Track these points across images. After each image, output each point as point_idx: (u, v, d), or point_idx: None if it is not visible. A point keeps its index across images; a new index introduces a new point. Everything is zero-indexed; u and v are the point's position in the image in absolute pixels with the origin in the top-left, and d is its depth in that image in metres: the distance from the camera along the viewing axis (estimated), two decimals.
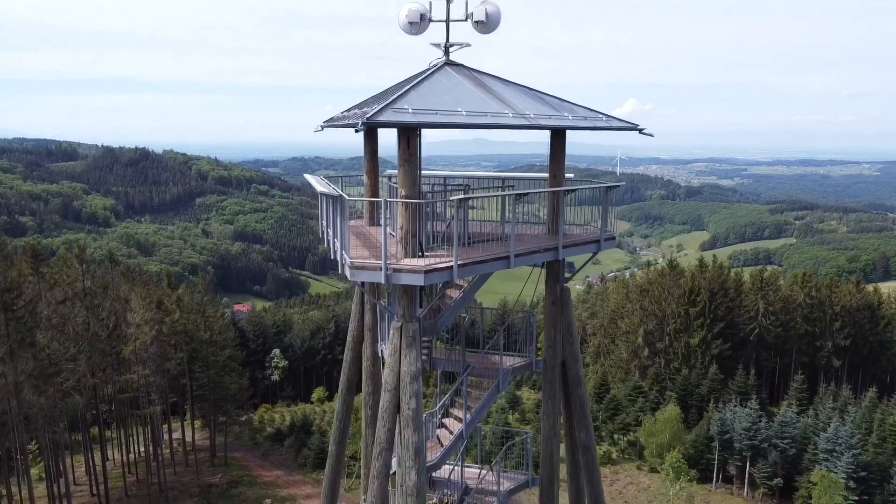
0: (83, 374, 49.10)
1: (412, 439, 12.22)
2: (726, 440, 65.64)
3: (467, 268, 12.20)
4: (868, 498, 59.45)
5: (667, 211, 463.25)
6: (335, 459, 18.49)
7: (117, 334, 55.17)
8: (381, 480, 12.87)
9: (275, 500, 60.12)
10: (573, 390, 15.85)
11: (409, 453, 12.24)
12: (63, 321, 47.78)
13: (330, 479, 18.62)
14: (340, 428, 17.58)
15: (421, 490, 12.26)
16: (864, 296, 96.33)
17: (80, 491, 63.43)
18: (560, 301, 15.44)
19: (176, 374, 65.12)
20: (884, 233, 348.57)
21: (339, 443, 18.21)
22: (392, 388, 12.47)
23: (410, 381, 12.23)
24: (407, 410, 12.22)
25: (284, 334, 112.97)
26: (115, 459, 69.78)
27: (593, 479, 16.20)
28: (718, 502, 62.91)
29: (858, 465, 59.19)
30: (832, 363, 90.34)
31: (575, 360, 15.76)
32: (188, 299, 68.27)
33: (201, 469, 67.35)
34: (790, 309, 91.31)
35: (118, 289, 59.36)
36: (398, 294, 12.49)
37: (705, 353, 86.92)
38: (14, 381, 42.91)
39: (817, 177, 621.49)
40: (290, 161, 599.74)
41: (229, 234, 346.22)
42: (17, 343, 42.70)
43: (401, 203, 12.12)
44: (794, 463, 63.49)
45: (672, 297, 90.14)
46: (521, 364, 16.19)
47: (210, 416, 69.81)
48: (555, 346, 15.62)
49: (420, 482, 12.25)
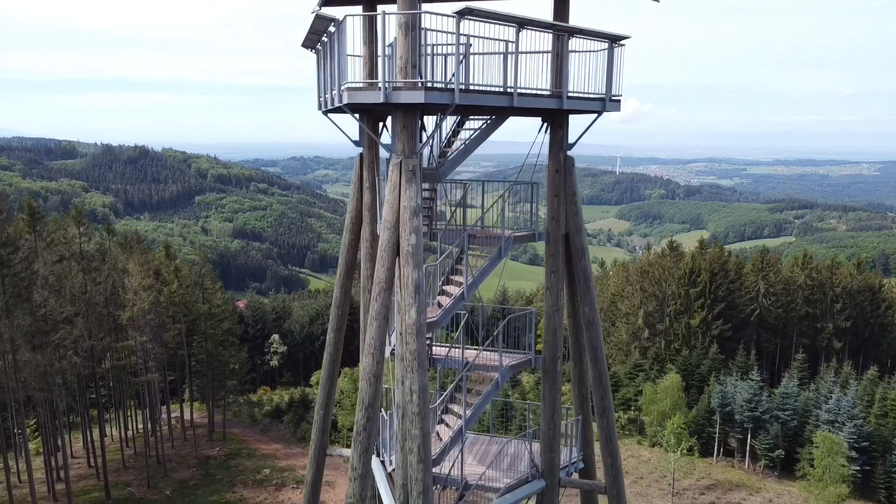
0: (80, 335, 48.71)
1: (412, 276, 11.87)
2: (727, 413, 65.28)
3: (469, 95, 11.86)
4: (870, 468, 59.15)
5: (666, 210, 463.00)
6: (330, 362, 18.10)
7: (115, 301, 54.78)
8: (379, 322, 12.51)
9: (273, 471, 59.75)
10: (577, 262, 15.51)
11: (408, 290, 11.90)
12: (60, 281, 47.41)
13: (325, 379, 18.19)
14: (338, 314, 17.16)
15: (420, 329, 11.90)
16: (865, 278, 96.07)
17: (78, 463, 63.11)
18: (564, 169, 15.11)
19: (174, 346, 64.77)
20: (883, 231, 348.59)
21: (336, 339, 17.77)
22: (391, 226, 12.12)
23: (410, 217, 11.89)
24: (406, 247, 11.87)
25: (283, 320, 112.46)
26: (113, 436, 69.37)
27: (597, 357, 15.85)
28: (720, 475, 62.48)
29: (860, 435, 58.84)
30: (833, 345, 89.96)
31: (578, 231, 15.42)
32: (186, 271, 67.92)
33: (199, 443, 66.97)
34: (791, 290, 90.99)
35: (115, 258, 58.94)
36: (398, 128, 12.15)
37: (706, 333, 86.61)
38: (10, 338, 42.51)
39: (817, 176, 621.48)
40: (289, 160, 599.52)
41: (228, 231, 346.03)
42: (14, 298, 42.32)
43: (399, 27, 11.72)
44: (795, 435, 63.12)
45: (672, 279, 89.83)
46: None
47: (209, 390, 69.37)
48: (558, 217, 15.28)
49: (420, 321, 11.90)
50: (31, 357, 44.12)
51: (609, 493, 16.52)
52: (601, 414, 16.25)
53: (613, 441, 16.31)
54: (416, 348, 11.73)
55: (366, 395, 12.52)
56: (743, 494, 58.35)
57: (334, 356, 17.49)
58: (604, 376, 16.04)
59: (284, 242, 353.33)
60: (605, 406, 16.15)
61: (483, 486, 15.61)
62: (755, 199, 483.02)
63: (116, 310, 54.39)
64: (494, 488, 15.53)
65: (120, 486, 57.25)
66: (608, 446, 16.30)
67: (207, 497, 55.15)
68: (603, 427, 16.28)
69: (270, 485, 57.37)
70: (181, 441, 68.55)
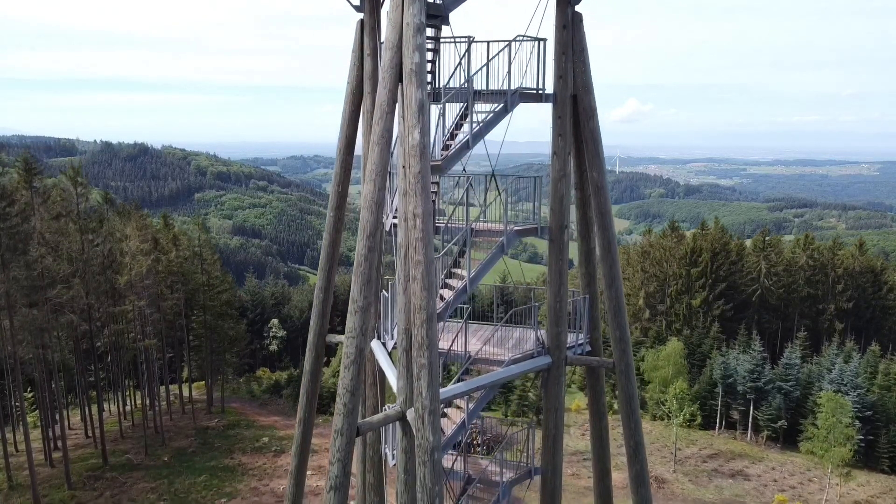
0: (77, 294, 48.22)
1: (415, 96, 11.42)
2: (729, 385, 64.84)
3: None
4: (874, 438, 58.69)
5: (666, 209, 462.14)
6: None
7: (112, 266, 54.29)
8: (381, 146, 12.05)
9: (272, 439, 59.26)
10: (585, 123, 15.06)
11: (411, 111, 11.45)
12: (56, 238, 46.95)
13: None
14: (335, 217, 16.48)
15: (424, 150, 11.42)
16: (867, 259, 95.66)
17: (75, 434, 62.56)
18: (571, 25, 14.66)
19: (172, 316, 64.27)
20: (883, 229, 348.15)
21: (333, 240, 17.14)
22: (393, 46, 11.68)
23: (413, 35, 11.43)
24: (410, 65, 11.42)
25: (283, 305, 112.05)
26: (111, 411, 68.86)
27: (606, 223, 15.38)
28: (722, 445, 61.99)
29: (864, 404, 58.43)
30: (834, 326, 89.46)
31: (587, 91, 14.97)
32: (186, 242, 67.40)
33: (198, 416, 66.46)
34: (792, 271, 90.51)
35: (113, 225, 58.41)
36: None
37: (707, 313, 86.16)
38: (6, 292, 42.03)
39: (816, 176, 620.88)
40: (288, 159, 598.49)
41: (228, 228, 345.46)
42: (10, 252, 41.85)
43: None
44: (798, 407, 62.64)
45: (674, 259, 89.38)
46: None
47: (207, 363, 68.79)
48: (565, 76, 14.84)
49: (423, 142, 11.43)
50: (27, 312, 43.63)
51: (618, 369, 16.04)
52: (609, 285, 15.79)
53: (622, 313, 15.83)
54: (418, 170, 11.28)
55: (367, 223, 12.08)
56: (746, 463, 57.88)
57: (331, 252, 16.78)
58: (612, 244, 15.57)
59: (284, 240, 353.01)
60: (613, 276, 15.69)
61: (487, 359, 15.15)
62: (755, 199, 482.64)
63: (114, 274, 53.91)
64: (499, 361, 15.07)
65: (118, 453, 56.79)
66: (616, 318, 15.82)
67: (206, 462, 54.64)
68: (611, 298, 15.81)
69: (269, 451, 56.88)
70: (179, 414, 68.04)
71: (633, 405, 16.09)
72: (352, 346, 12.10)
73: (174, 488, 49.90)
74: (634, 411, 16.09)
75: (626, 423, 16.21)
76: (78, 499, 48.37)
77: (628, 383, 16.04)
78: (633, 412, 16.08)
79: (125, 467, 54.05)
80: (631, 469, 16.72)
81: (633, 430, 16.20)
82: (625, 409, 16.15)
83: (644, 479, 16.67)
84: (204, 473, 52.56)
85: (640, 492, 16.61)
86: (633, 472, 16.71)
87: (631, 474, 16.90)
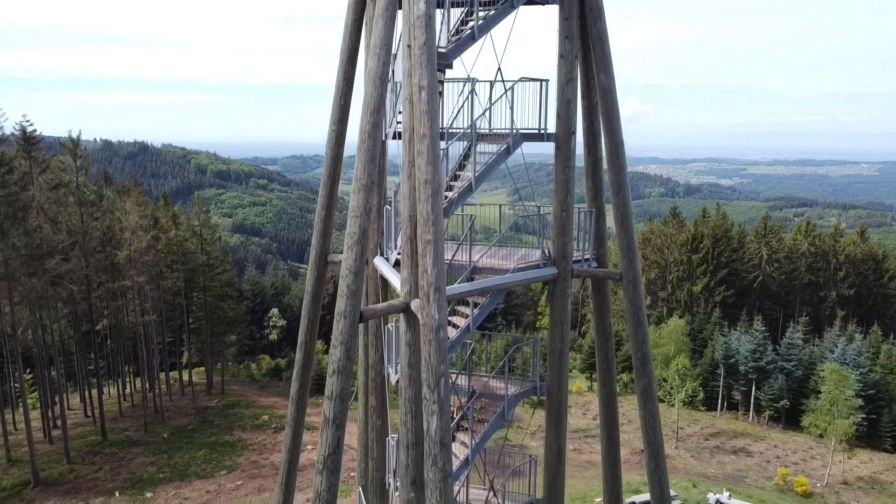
0: (77, 266, 47.98)
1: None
2: (731, 365, 64.59)
3: None
4: (876, 417, 58.44)
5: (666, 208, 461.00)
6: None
7: (112, 242, 54.06)
8: (385, 20, 11.81)
9: (272, 417, 59.00)
10: (592, 25, 14.79)
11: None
12: (55, 208, 46.71)
13: None
14: (336, 131, 16.17)
15: (430, 21, 11.16)
16: (869, 247, 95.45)
17: (74, 414, 62.29)
18: None
19: (172, 296, 64.03)
20: (883, 227, 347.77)
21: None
22: None
23: None
24: None
25: (283, 295, 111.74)
26: (111, 393, 68.58)
27: (613, 127, 15.11)
28: (724, 425, 61.73)
29: (867, 383, 58.14)
30: (836, 313, 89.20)
31: None
32: (186, 222, 67.13)
33: (198, 397, 66.22)
34: (794, 258, 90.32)
35: (113, 202, 58.18)
36: None
37: (708, 300, 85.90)
38: (5, 260, 41.79)
39: (816, 176, 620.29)
40: (289, 159, 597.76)
41: (228, 226, 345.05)
42: (9, 219, 41.62)
43: None
44: (800, 387, 62.37)
45: (675, 245, 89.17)
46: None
47: (207, 345, 68.53)
48: None
49: (429, 13, 11.17)
50: (26, 281, 43.39)
51: (625, 279, 15.78)
52: (616, 192, 15.54)
53: (629, 221, 15.58)
54: (423, 41, 11.02)
55: (371, 98, 11.83)
56: (748, 441, 57.64)
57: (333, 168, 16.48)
58: (620, 149, 15.30)
59: (284, 238, 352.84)
60: (620, 182, 15.45)
61: (490, 267, 14.88)
62: (755, 198, 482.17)
63: (113, 250, 53.67)
64: (503, 269, 14.79)
65: (117, 430, 56.57)
66: (624, 226, 15.58)
67: (205, 439, 54.41)
68: (618, 205, 15.57)
69: (269, 428, 56.63)
70: (179, 396, 67.78)
71: (640, 316, 15.84)
72: (355, 226, 11.88)
73: (174, 462, 49.66)
74: (642, 323, 15.84)
75: (633, 336, 15.96)
76: (77, 472, 48.13)
77: (636, 293, 15.79)
78: (640, 324, 15.83)
79: (124, 443, 53.81)
80: (638, 382, 16.49)
81: (640, 342, 15.94)
82: (632, 320, 15.90)
83: (652, 393, 16.43)
84: (204, 448, 52.32)
85: (647, 406, 16.38)
86: (641, 386, 16.47)
87: (638, 388, 16.68)
